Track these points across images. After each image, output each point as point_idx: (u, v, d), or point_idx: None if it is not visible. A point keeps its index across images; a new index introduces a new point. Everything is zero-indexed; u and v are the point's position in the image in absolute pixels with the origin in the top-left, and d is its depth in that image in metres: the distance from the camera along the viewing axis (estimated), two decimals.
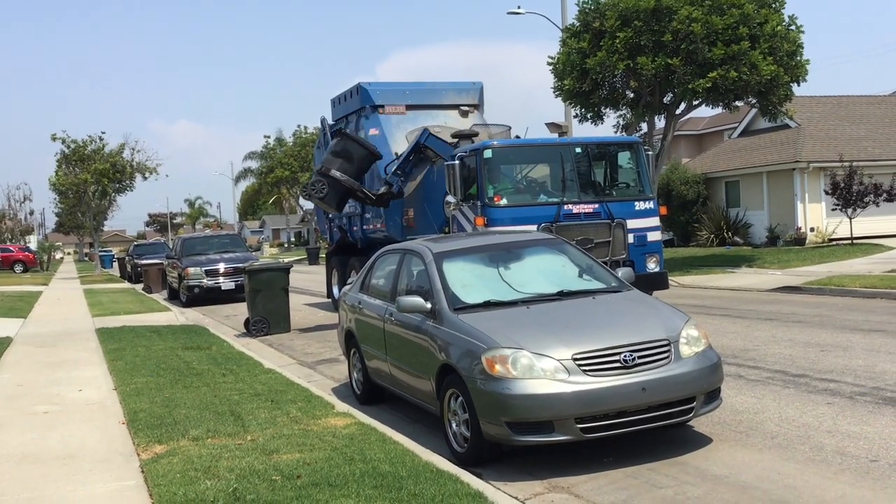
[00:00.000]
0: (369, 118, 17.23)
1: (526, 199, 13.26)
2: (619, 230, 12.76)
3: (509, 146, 13.77)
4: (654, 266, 13.17)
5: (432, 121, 17.05)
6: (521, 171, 14.04)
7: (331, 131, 19.48)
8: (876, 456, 6.07)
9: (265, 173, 65.05)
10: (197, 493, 5.57)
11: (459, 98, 17.87)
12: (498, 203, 12.48)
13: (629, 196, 13.45)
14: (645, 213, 13.20)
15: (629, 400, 6.19)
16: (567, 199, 12.68)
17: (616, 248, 12.62)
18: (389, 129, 16.96)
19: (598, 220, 12.68)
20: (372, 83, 17.67)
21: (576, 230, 12.23)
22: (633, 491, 5.77)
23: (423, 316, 7.44)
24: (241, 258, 24.17)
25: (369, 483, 5.61)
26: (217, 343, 13.72)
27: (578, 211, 12.63)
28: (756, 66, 22.72)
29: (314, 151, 22.19)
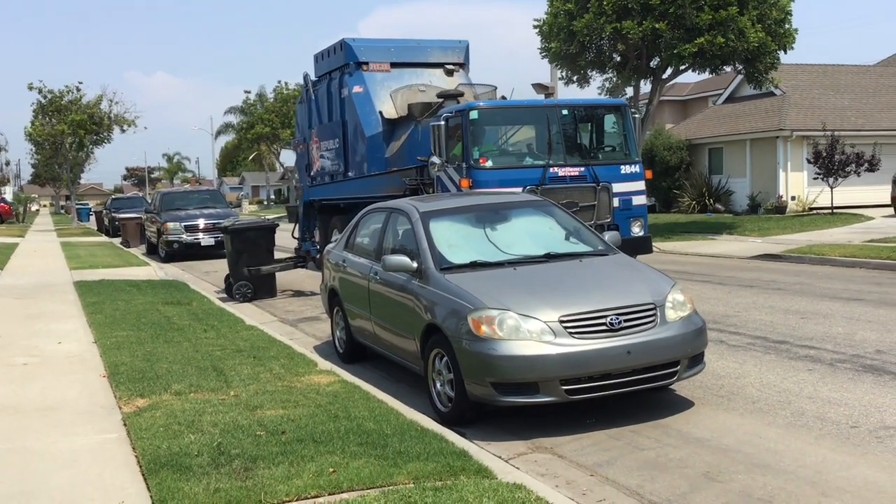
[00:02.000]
0: (353, 75, 16.86)
1: (511, 161, 13.11)
2: (605, 194, 12.63)
3: (495, 107, 13.54)
4: (639, 230, 13.09)
5: (417, 79, 16.78)
6: (507, 133, 13.84)
7: (314, 87, 19.20)
8: (856, 422, 6.14)
9: (245, 129, 64.42)
10: (181, 446, 5.54)
11: (445, 56, 17.49)
12: (483, 165, 12.32)
13: (615, 159, 13.31)
14: (630, 177, 13.09)
15: (614, 363, 6.21)
16: (553, 161, 12.53)
17: (601, 212, 12.51)
18: (374, 87, 16.61)
19: (583, 183, 12.55)
20: (356, 39, 17.26)
21: (561, 193, 12.07)
22: (615, 452, 5.81)
23: (408, 275, 7.41)
24: (222, 214, 23.97)
25: (354, 440, 5.61)
26: (197, 299, 13.63)
27: (564, 174, 12.48)
28: (744, 33, 22.65)
29: (297, 107, 21.78)
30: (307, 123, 19.86)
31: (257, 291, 14.62)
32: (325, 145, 18.53)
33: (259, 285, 14.68)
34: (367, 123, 16.23)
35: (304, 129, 20.18)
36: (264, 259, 14.82)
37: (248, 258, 14.59)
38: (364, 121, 16.25)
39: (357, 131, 16.58)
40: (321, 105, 18.78)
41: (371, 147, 16.14)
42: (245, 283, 14.51)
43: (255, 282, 14.62)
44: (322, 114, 18.78)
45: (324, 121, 18.68)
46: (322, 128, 18.72)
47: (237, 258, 14.62)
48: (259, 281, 14.69)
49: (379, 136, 16.09)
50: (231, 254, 14.77)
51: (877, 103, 32.19)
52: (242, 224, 15.20)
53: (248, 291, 14.49)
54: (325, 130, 18.52)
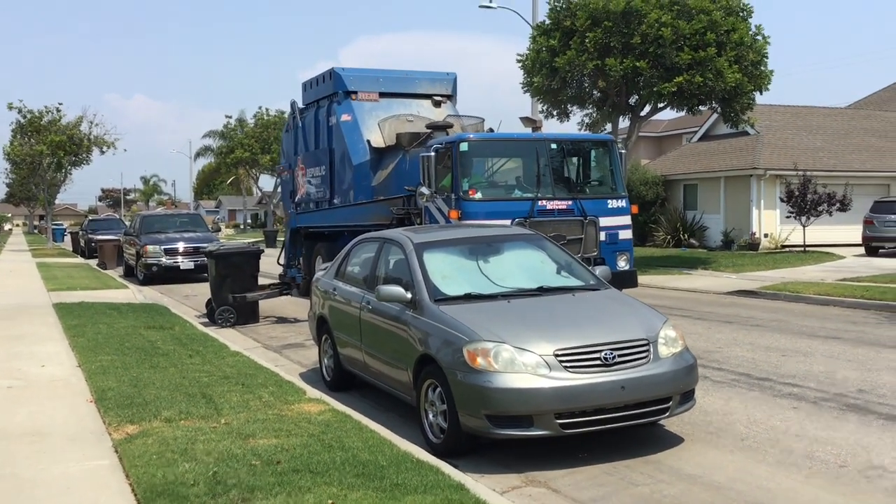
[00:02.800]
0: (342, 104, 17.02)
1: (500, 193, 13.20)
2: (592, 227, 12.77)
3: (485, 139, 13.69)
4: (625, 264, 13.24)
5: (405, 109, 16.96)
6: (496, 165, 13.96)
7: (301, 115, 19.27)
8: (844, 462, 6.24)
9: (225, 153, 64.24)
10: (176, 475, 5.52)
11: (433, 88, 17.76)
12: (473, 196, 12.42)
13: (602, 194, 13.49)
14: (617, 212, 13.25)
15: (608, 397, 6.28)
16: (541, 194, 12.67)
17: (588, 246, 12.64)
18: (362, 116, 16.75)
19: (571, 216, 12.70)
20: (346, 69, 17.43)
21: (549, 226, 12.20)
22: (610, 488, 5.86)
23: (401, 306, 7.45)
24: (202, 238, 23.89)
25: (351, 471, 5.61)
26: (179, 323, 13.54)
27: (552, 207, 12.63)
28: (721, 73, 23.07)
29: (283, 134, 21.81)
30: (293, 150, 19.93)
31: (240, 317, 14.55)
32: (311, 172, 18.63)
33: (242, 311, 14.60)
34: (354, 151, 16.31)
35: (290, 156, 20.25)
36: (249, 284, 14.74)
37: (231, 283, 14.51)
38: (352, 149, 16.33)
39: (344, 159, 16.66)
40: (308, 132, 18.88)
41: (358, 175, 16.20)
42: (228, 308, 14.42)
43: (238, 307, 14.53)
44: (309, 141, 18.86)
45: (310, 148, 18.74)
46: (308, 155, 18.79)
47: (221, 283, 14.52)
48: (242, 306, 14.61)
49: (366, 165, 16.15)
50: (214, 278, 14.66)
51: (848, 145, 32.85)
52: (227, 249, 15.04)
53: (230, 317, 14.40)
54: (311, 157, 18.59)
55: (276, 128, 62.13)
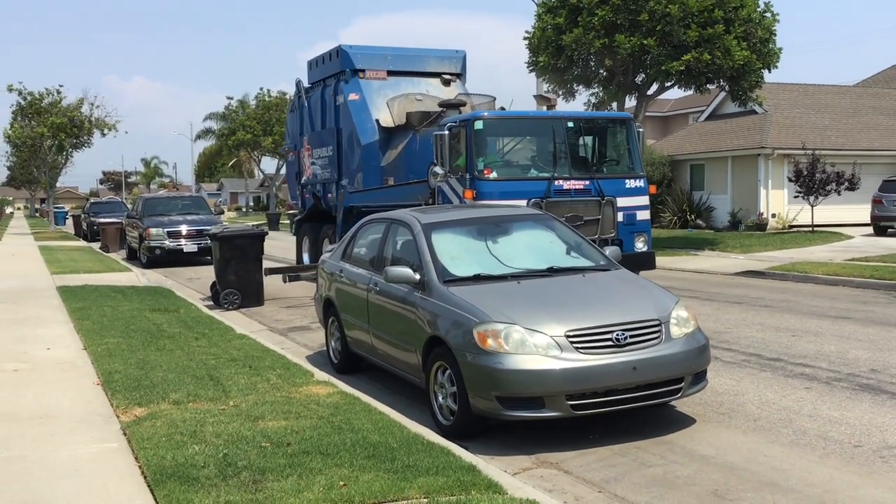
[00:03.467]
0: (349, 82, 16.59)
1: (516, 173, 12.83)
2: (609, 208, 12.47)
3: (500, 118, 13.33)
4: (643, 245, 12.89)
5: (413, 88, 16.62)
6: (511, 144, 13.50)
7: (307, 94, 18.93)
8: (859, 441, 6.18)
9: (226, 135, 64.06)
10: (186, 457, 5.47)
11: (442, 66, 17.31)
12: (488, 176, 12.08)
13: (619, 173, 13.13)
14: (635, 192, 12.92)
15: (620, 378, 6.21)
16: (558, 174, 12.36)
17: (605, 227, 12.35)
18: (370, 95, 16.36)
19: (588, 196, 12.38)
20: (353, 46, 16.93)
21: (565, 207, 11.95)
22: (622, 469, 5.81)
23: (409, 287, 7.37)
24: (205, 221, 23.82)
25: (361, 453, 5.56)
26: (184, 306, 13.50)
27: (569, 187, 12.30)
28: (729, 51, 22.87)
29: (287, 115, 21.27)
30: (298, 131, 19.55)
31: (245, 300, 14.45)
32: (317, 153, 18.26)
33: (246, 293, 14.50)
34: (363, 131, 15.95)
35: (296, 137, 19.85)
36: (253, 267, 14.68)
37: (236, 266, 14.44)
38: (360, 128, 15.96)
39: (352, 139, 16.28)
40: (314, 112, 18.49)
41: (367, 155, 15.87)
42: (233, 290, 14.36)
43: (242, 290, 14.46)
44: (315, 121, 18.50)
45: (316, 128, 18.39)
46: (314, 135, 18.43)
47: (225, 266, 14.44)
48: (247, 289, 14.53)
49: (375, 145, 15.82)
50: (219, 261, 14.57)
51: (856, 123, 32.61)
52: (231, 231, 14.90)
53: (235, 299, 14.34)
54: (317, 138, 18.23)
55: (277, 109, 61.95)
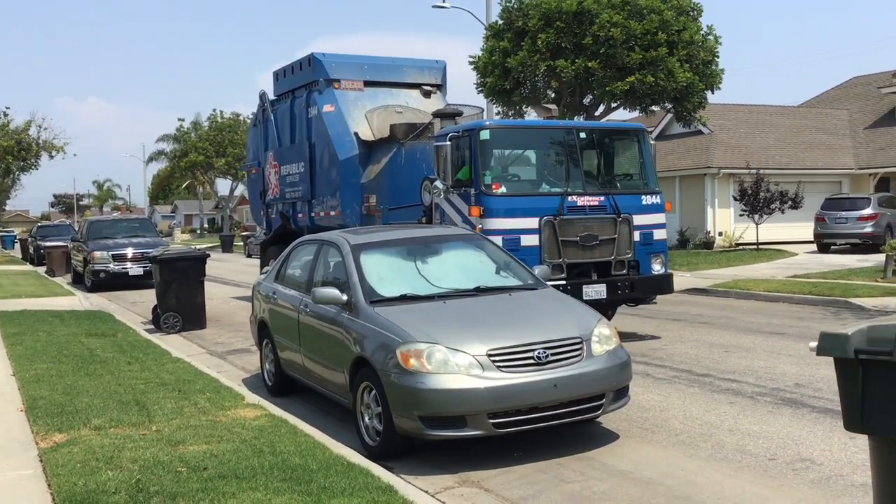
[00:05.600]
0: (323, 93, 15.49)
1: (525, 188, 11.77)
2: (625, 226, 11.44)
3: (509, 127, 12.44)
4: (660, 267, 11.93)
5: (392, 100, 15.73)
6: (520, 157, 12.49)
7: (272, 107, 17.84)
8: (774, 455, 6.29)
9: (179, 157, 63.54)
10: (98, 483, 5.38)
11: (421, 77, 16.37)
12: (496, 191, 11.01)
13: (635, 189, 12.09)
14: (651, 209, 11.94)
15: (541, 396, 6.26)
16: (571, 189, 11.27)
17: (621, 247, 11.35)
18: (346, 107, 15.29)
19: (603, 214, 11.34)
20: (326, 54, 15.85)
21: (580, 225, 11.09)
22: (541, 486, 5.85)
23: (338, 308, 7.38)
24: (151, 243, 23.47)
25: (278, 476, 5.53)
26: (123, 330, 13.32)
27: (583, 203, 11.26)
28: (673, 73, 23.36)
29: (249, 130, 19.99)
30: (263, 146, 18.54)
31: (186, 323, 14.28)
32: (286, 169, 17.21)
33: (188, 316, 14.35)
34: (340, 145, 14.94)
35: (259, 153, 18.85)
36: (194, 289, 14.52)
37: (177, 289, 14.27)
38: (337, 142, 14.96)
39: (327, 154, 15.28)
40: (282, 126, 17.47)
41: (345, 171, 14.87)
42: (173, 313, 14.19)
43: (183, 313, 14.30)
44: (283, 135, 17.47)
45: (285, 143, 17.37)
46: (282, 150, 17.41)
47: (166, 288, 14.27)
48: (188, 312, 14.37)
49: (354, 160, 14.85)
50: (160, 284, 14.39)
51: (800, 143, 33.35)
52: (172, 254, 14.75)
53: (176, 322, 14.16)
54: (286, 153, 17.22)
55: (230, 130, 61.66)
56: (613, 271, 11.27)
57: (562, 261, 10.86)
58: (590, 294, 10.84)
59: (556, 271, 10.69)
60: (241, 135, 61.91)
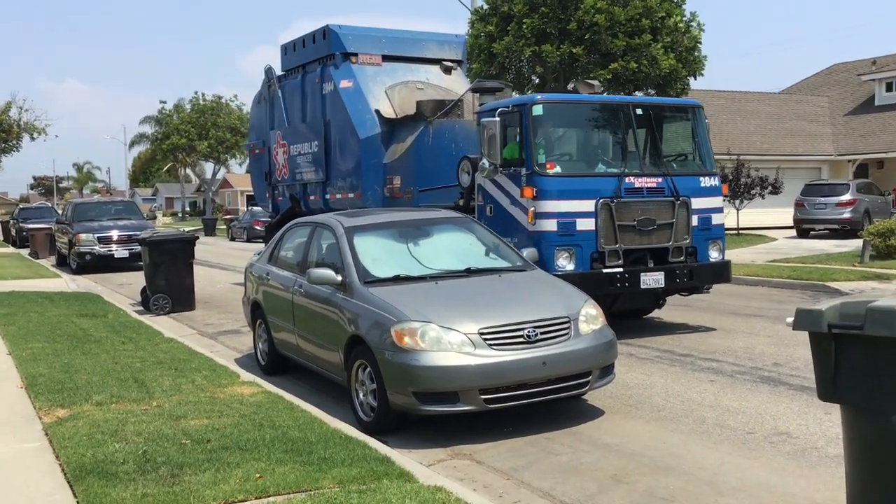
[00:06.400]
0: (339, 68, 14.53)
1: (581, 168, 11.04)
2: (684, 210, 10.73)
3: (563, 101, 11.59)
4: (717, 254, 11.28)
5: (412, 76, 14.91)
6: (574, 134, 11.76)
7: (279, 83, 16.89)
8: (752, 429, 6.59)
9: (160, 139, 63.27)
10: (105, 454, 5.60)
11: (442, 52, 15.49)
12: (550, 171, 10.32)
13: (692, 170, 11.39)
14: (709, 191, 11.25)
15: (530, 373, 6.52)
16: (628, 170, 10.57)
17: (679, 232, 10.67)
18: (365, 82, 14.35)
19: (661, 196, 10.65)
20: (343, 26, 14.87)
21: (637, 208, 10.44)
22: (531, 458, 6.11)
23: (332, 288, 7.59)
24: (137, 226, 23.55)
25: (279, 447, 5.76)
26: (113, 311, 13.47)
27: (640, 185, 10.55)
28: (656, 60, 23.58)
29: (253, 107, 18.70)
30: (268, 124, 17.56)
31: (175, 304, 14.43)
32: (296, 149, 16.21)
33: (177, 298, 14.49)
34: (360, 123, 14.02)
35: (264, 131, 17.87)
36: (183, 272, 14.67)
37: (166, 270, 14.43)
38: (357, 120, 14.04)
39: (346, 132, 14.36)
40: (291, 102, 16.50)
41: (366, 151, 13.91)
42: (163, 295, 14.34)
43: (172, 294, 14.45)
44: (292, 113, 16.49)
45: (294, 121, 16.40)
46: (292, 129, 16.43)
47: (155, 270, 14.41)
48: (177, 294, 14.52)
49: (376, 139, 13.92)
50: (149, 266, 14.55)
51: (780, 129, 33.78)
52: (161, 236, 14.90)
53: (165, 304, 14.32)
54: (296, 132, 16.23)
55: (213, 113, 61.40)
56: (671, 258, 10.63)
57: (618, 247, 10.23)
58: (647, 283, 10.35)
59: (612, 258, 10.21)
60: (223, 117, 61.77)
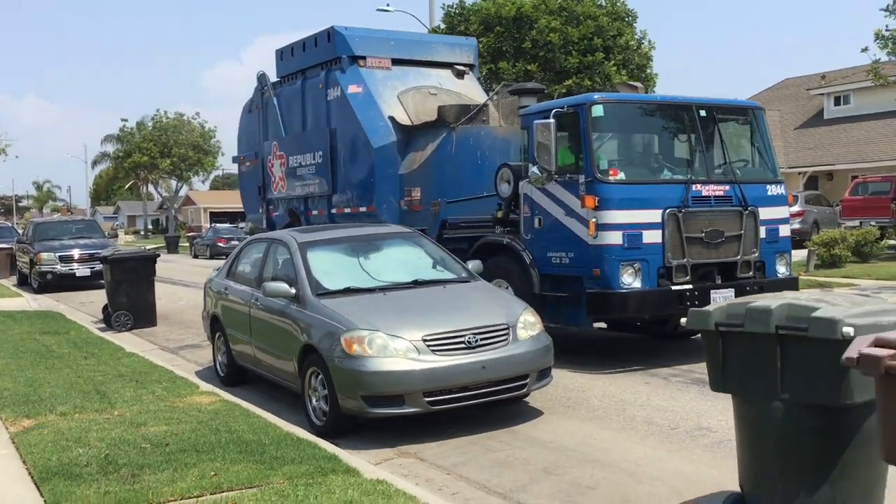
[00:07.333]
0: (346, 72, 13.58)
1: (645, 174, 10.18)
2: (752, 221, 9.94)
3: (624, 102, 10.68)
4: (785, 269, 10.39)
5: (424, 80, 13.99)
6: (635, 138, 10.96)
7: (274, 90, 15.79)
8: (676, 425, 7.11)
9: (122, 158, 63.13)
10: (70, 458, 5.96)
11: (453, 55, 14.72)
12: (614, 178, 9.48)
13: (759, 178, 10.56)
14: (776, 200, 10.43)
15: (471, 376, 6.99)
16: (694, 177, 9.81)
17: (747, 245, 9.88)
18: (375, 87, 13.38)
19: (728, 206, 9.88)
20: (348, 27, 13.92)
21: (704, 219, 9.61)
22: (471, 455, 6.57)
23: (287, 301, 8.01)
24: (98, 244, 23.66)
25: (234, 449, 6.17)
26: (75, 328, 13.73)
27: (708, 193, 9.76)
28: (609, 77, 24.36)
29: (242, 117, 17.40)
30: (262, 135, 16.32)
31: (137, 321, 14.68)
32: (295, 160, 15.02)
33: (139, 315, 14.75)
34: (372, 131, 13.05)
35: (256, 142, 16.63)
36: (145, 289, 14.93)
37: (127, 288, 14.68)
38: (368, 127, 13.07)
39: (356, 141, 13.34)
40: (289, 110, 15.41)
41: (380, 161, 12.90)
42: (124, 312, 14.60)
43: (134, 311, 14.72)
44: (291, 121, 15.35)
45: (293, 131, 15.25)
46: (291, 139, 15.25)
47: (116, 287, 14.67)
48: (139, 310, 14.78)
49: (391, 147, 12.96)
50: (110, 283, 14.81)
51: None
52: (123, 254, 15.17)
53: (127, 321, 14.57)
54: (296, 142, 15.07)
55: (174, 131, 61.45)
56: (739, 273, 9.82)
57: (686, 261, 9.43)
58: (717, 300, 9.17)
59: (679, 273, 9.39)
60: (185, 135, 61.83)
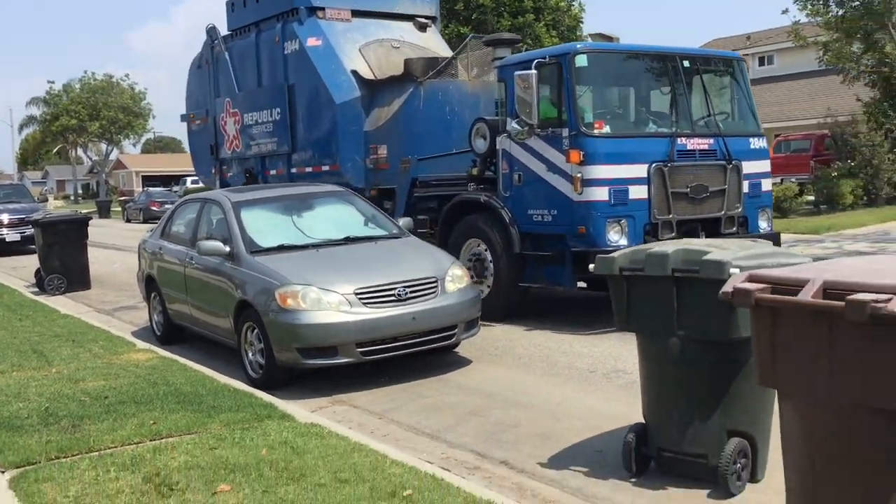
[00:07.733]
0: (304, 24, 12.94)
1: (630, 127, 9.93)
2: (735, 175, 9.71)
3: (607, 51, 10.17)
4: (766, 225, 10.24)
5: (385, 33, 13.53)
6: (618, 90, 10.59)
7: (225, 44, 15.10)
8: (594, 368, 7.57)
9: (49, 121, 61.44)
10: (10, 412, 6.13)
11: (414, 7, 14.20)
12: (599, 131, 9.13)
13: (741, 131, 10.29)
14: (758, 154, 10.22)
15: (402, 327, 7.31)
16: (679, 130, 9.50)
17: (731, 200, 9.66)
18: (336, 40, 12.84)
19: (712, 160, 9.61)
20: None
21: (689, 174, 9.36)
22: (402, 401, 6.92)
23: (221, 259, 8.19)
24: (27, 209, 23.29)
25: (172, 400, 6.40)
26: (7, 292, 13.67)
27: (693, 147, 9.47)
28: (539, 38, 24.71)
29: (191, 73, 16.52)
30: (213, 91, 15.62)
31: (71, 284, 14.64)
32: (251, 118, 14.44)
33: (72, 278, 14.70)
34: (334, 86, 12.51)
35: (207, 99, 15.92)
36: (77, 252, 14.87)
37: (60, 251, 14.62)
38: (330, 82, 12.54)
39: (317, 97, 12.79)
40: (243, 65, 14.77)
41: (343, 117, 12.43)
42: (57, 275, 14.53)
43: (67, 274, 14.67)
44: (245, 76, 14.75)
45: (247, 87, 14.65)
46: (245, 95, 14.65)
47: (48, 251, 14.59)
48: (72, 274, 14.73)
49: (355, 103, 12.48)
50: (42, 247, 14.72)
51: None
52: (54, 217, 15.08)
53: (60, 284, 14.50)
54: (251, 98, 14.49)
55: (103, 93, 59.98)
56: (723, 229, 9.61)
57: (672, 217, 9.19)
58: None
59: (665, 230, 9.12)
60: (115, 97, 60.40)
